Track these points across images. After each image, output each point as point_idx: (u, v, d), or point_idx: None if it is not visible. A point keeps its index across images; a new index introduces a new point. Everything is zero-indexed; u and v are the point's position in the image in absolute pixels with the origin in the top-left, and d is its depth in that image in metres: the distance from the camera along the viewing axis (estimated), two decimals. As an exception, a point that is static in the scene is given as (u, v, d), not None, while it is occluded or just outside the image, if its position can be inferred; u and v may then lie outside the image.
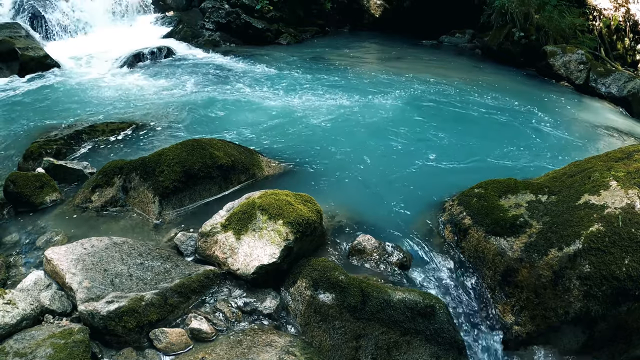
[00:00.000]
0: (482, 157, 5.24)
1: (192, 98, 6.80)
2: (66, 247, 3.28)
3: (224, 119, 6.01)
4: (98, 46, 9.27)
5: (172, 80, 7.66)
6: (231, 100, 6.71)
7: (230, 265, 3.24)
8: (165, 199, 3.96)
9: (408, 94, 7.28)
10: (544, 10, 10.15)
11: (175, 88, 7.27)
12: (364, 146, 5.38)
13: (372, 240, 3.61)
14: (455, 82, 8.09)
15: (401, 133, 5.76)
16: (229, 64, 8.86)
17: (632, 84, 8.57)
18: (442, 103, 6.99)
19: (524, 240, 3.39)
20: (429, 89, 7.63)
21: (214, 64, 8.84)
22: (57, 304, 2.98)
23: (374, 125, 5.98)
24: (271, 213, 3.36)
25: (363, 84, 7.72)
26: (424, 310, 3.06)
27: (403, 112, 6.48)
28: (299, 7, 11.58)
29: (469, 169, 4.94)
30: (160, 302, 2.95)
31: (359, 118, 6.17)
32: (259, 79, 7.78)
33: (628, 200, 3.24)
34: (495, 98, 7.48)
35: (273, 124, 5.89)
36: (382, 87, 7.54)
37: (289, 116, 6.14)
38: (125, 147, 5.19)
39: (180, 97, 6.84)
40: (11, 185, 4.07)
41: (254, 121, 5.94)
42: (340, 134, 5.64)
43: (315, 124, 5.91)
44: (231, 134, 5.53)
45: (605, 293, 3.01)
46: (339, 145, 5.32)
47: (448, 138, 5.71)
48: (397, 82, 7.83)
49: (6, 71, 7.91)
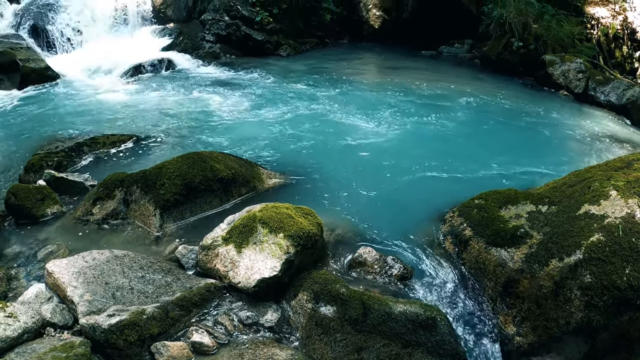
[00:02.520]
0: (482, 167, 5.24)
1: (193, 110, 6.81)
2: (67, 260, 3.29)
3: (224, 131, 6.03)
4: (99, 58, 9.27)
5: (172, 93, 7.68)
6: (231, 113, 6.72)
7: (232, 278, 3.24)
8: (166, 212, 3.97)
9: (407, 105, 7.29)
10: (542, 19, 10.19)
11: (175, 100, 7.28)
12: (364, 158, 5.39)
13: (372, 252, 3.62)
14: (455, 93, 8.11)
15: (400, 144, 5.78)
16: (229, 76, 8.88)
17: (631, 92, 8.58)
18: (441, 114, 7.00)
19: (525, 251, 3.39)
20: (428, 100, 7.64)
21: (214, 76, 8.87)
22: (58, 317, 2.98)
23: (374, 136, 5.99)
24: (272, 226, 3.37)
25: (362, 95, 7.74)
26: (425, 322, 3.06)
27: (402, 124, 6.49)
28: (298, 19, 11.63)
29: (468, 180, 4.94)
30: (162, 316, 2.96)
31: (359, 130, 6.18)
32: (258, 91, 7.80)
33: (628, 210, 3.24)
34: (494, 108, 7.50)
35: (273, 136, 5.91)
36: (381, 98, 7.56)
37: (289, 128, 6.15)
38: (126, 159, 5.21)
39: (180, 109, 6.86)
40: (12, 197, 4.09)
41: (254, 133, 5.95)
42: (340, 146, 5.65)
43: (315, 136, 5.92)
44: (231, 146, 5.54)
45: (606, 303, 3.00)
46: (339, 157, 5.33)
47: (447, 148, 5.72)
48: (396, 93, 7.85)
49: (7, 82, 7.91)
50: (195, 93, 7.67)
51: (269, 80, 8.49)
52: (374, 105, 7.13)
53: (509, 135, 6.37)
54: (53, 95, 7.54)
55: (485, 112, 7.21)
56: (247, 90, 7.84)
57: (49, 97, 7.48)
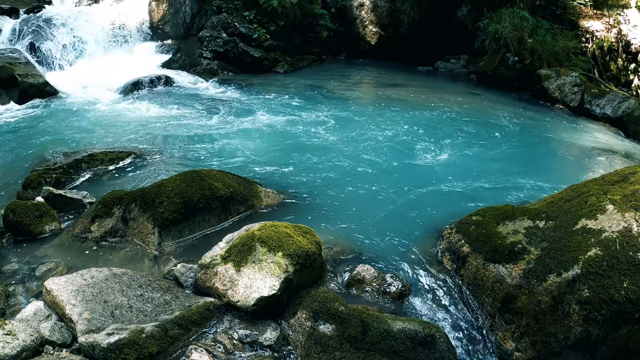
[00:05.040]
0: (479, 183, 5.26)
1: (190, 127, 6.83)
2: (66, 277, 3.28)
3: (222, 149, 6.04)
4: (97, 74, 9.34)
5: (170, 109, 7.71)
6: (229, 130, 6.74)
7: (231, 297, 3.24)
8: (164, 230, 3.98)
9: (404, 121, 7.33)
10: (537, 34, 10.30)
11: (173, 117, 7.31)
12: (361, 174, 5.40)
13: (371, 270, 3.62)
14: (451, 108, 8.15)
15: (398, 161, 5.79)
16: (227, 92, 8.92)
17: (627, 104, 8.64)
18: (437, 130, 7.04)
19: (523, 266, 3.40)
20: (425, 115, 7.68)
21: (212, 92, 8.92)
22: (57, 335, 2.97)
23: (371, 153, 6.01)
24: (271, 245, 3.37)
25: (359, 112, 7.77)
26: (425, 340, 3.06)
27: (399, 140, 6.52)
28: (295, 36, 11.72)
29: (465, 195, 4.96)
30: (161, 334, 2.95)
31: (356, 147, 6.20)
32: (256, 109, 7.82)
33: (625, 224, 3.25)
34: (490, 123, 7.54)
35: (270, 153, 5.92)
36: (379, 115, 7.60)
37: (287, 146, 6.17)
38: (124, 176, 5.21)
39: (178, 126, 6.88)
40: (11, 214, 4.08)
41: (251, 151, 5.97)
42: (337, 163, 5.67)
43: (312, 153, 5.94)
44: (229, 163, 5.55)
45: (605, 317, 3.01)
46: (336, 175, 5.34)
47: (444, 164, 5.74)
48: (393, 110, 7.89)
49: (6, 98, 7.94)
50: (193, 110, 7.70)
51: (266, 98, 8.51)
52: (370, 123, 7.15)
53: (505, 150, 6.40)
54: (51, 111, 7.57)
55: (482, 127, 7.24)
56: (244, 108, 7.87)
57: (47, 112, 7.50)
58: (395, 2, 12.41)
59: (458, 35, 11.52)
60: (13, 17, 10.05)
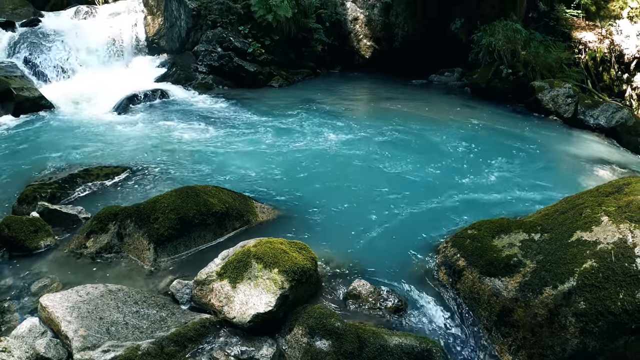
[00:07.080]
0: (474, 196, 5.28)
1: (185, 142, 6.84)
2: (61, 294, 3.26)
3: (216, 164, 6.04)
4: (93, 88, 9.35)
5: (165, 124, 7.71)
6: (223, 145, 6.75)
7: (227, 313, 3.23)
8: (160, 246, 3.97)
9: (398, 135, 7.35)
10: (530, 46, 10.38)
11: (168, 132, 7.31)
12: (356, 190, 5.41)
13: (367, 285, 3.61)
14: (445, 121, 8.19)
15: (393, 175, 5.80)
16: (222, 107, 8.92)
17: (620, 114, 8.69)
18: (432, 144, 7.06)
19: (519, 279, 3.40)
20: (419, 129, 7.70)
21: (207, 107, 8.92)
22: (52, 352, 2.95)
23: (366, 168, 6.03)
24: (266, 262, 3.37)
25: (354, 126, 7.78)
26: (421, 355, 3.05)
27: (395, 154, 6.53)
28: (290, 50, 11.77)
29: (461, 209, 4.97)
30: (157, 351, 2.93)
31: (351, 162, 6.22)
32: (250, 123, 7.83)
33: (620, 235, 3.26)
34: (484, 136, 7.58)
35: (265, 169, 5.91)
36: (374, 129, 7.61)
37: (281, 161, 6.17)
38: (119, 191, 5.20)
39: (173, 141, 6.88)
40: (6, 229, 4.07)
41: (246, 166, 5.97)
42: (331, 178, 5.68)
43: (306, 168, 5.94)
44: (224, 179, 5.55)
45: (601, 328, 3.01)
46: (331, 190, 5.35)
47: (440, 178, 5.76)
48: (388, 124, 7.90)
49: (1, 111, 7.92)
50: (188, 125, 7.69)
51: (261, 112, 8.51)
52: (365, 137, 7.17)
53: (500, 163, 6.43)
54: (47, 125, 7.56)
55: (476, 140, 7.27)
56: (240, 122, 7.87)
57: (43, 126, 7.50)
58: (389, 16, 12.51)
59: (452, 49, 11.59)
60: (9, 30, 10.06)
